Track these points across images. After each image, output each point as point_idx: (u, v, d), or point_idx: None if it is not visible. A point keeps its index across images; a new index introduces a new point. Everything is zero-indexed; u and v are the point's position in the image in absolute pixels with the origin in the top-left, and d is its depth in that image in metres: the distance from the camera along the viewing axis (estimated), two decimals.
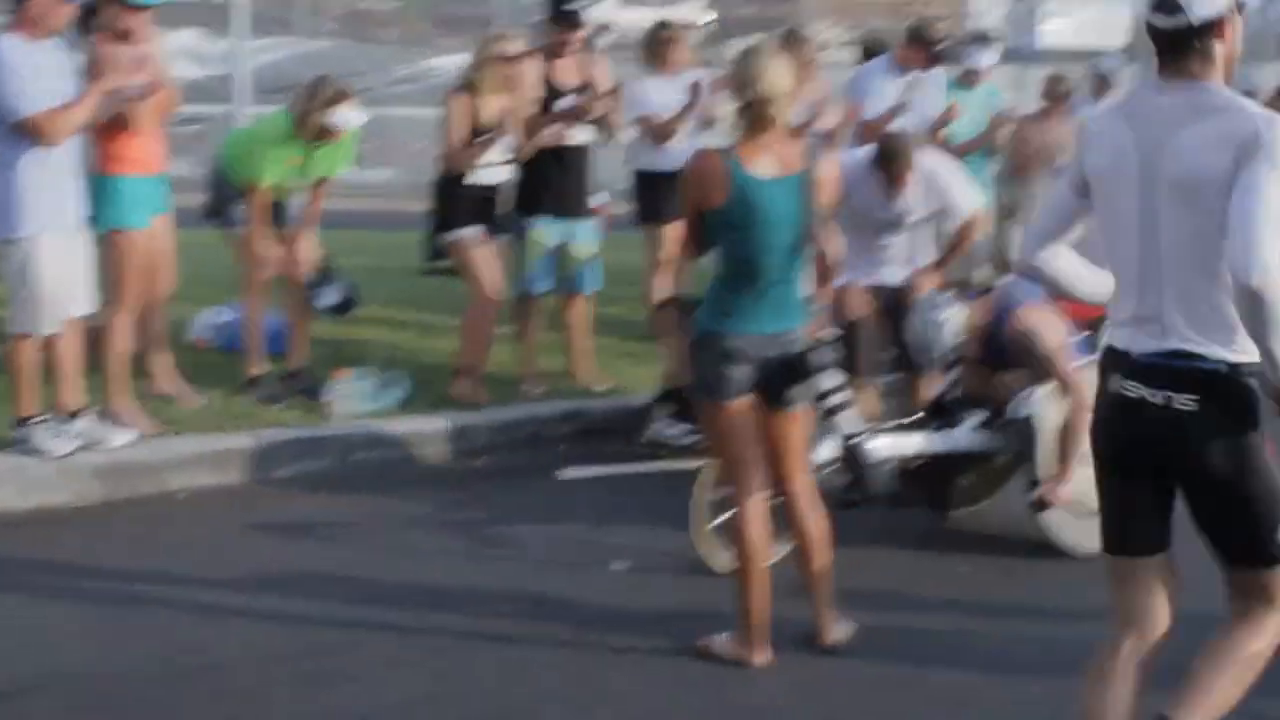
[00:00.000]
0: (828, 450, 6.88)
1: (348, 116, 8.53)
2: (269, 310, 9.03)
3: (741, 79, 5.62)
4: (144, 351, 8.57)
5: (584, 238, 9.55)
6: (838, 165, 5.90)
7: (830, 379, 6.12)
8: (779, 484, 5.91)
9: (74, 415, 7.76)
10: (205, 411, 8.54)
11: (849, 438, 6.72)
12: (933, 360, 7.58)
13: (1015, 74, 20.66)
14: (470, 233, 9.07)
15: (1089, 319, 9.78)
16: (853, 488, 7.12)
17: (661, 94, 9.97)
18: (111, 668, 5.61)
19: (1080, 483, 6.95)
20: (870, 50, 11.62)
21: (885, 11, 44.92)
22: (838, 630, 6.00)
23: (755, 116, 5.60)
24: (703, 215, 5.66)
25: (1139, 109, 4.19)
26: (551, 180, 9.32)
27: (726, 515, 6.33)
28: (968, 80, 11.46)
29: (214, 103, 28.41)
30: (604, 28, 39.91)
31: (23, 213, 7.36)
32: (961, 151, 10.81)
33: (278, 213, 8.83)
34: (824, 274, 6.05)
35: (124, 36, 8.03)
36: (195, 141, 29.86)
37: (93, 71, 7.81)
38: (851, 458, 6.83)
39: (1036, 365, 7.28)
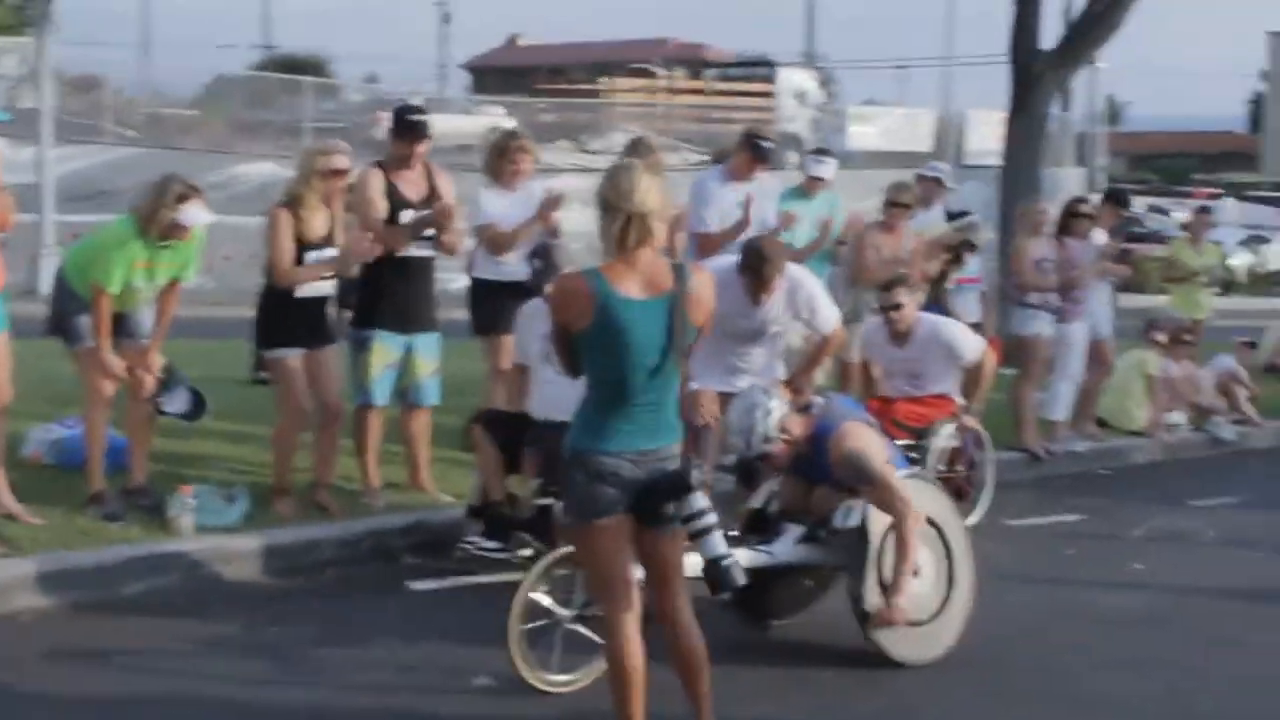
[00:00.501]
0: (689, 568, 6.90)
1: (195, 214, 8.46)
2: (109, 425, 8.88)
3: (612, 195, 5.52)
4: None
5: (425, 351, 9.54)
6: (709, 278, 5.85)
7: (700, 500, 5.95)
8: (656, 605, 5.83)
9: None
10: (47, 529, 8.34)
11: (717, 560, 6.36)
12: (749, 445, 7.51)
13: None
14: (290, 353, 9.03)
15: (917, 427, 10.05)
16: None
17: (503, 204, 9.97)
18: None
19: (911, 597, 7.34)
20: (719, 160, 11.90)
21: (689, 118, 45.84)
22: None
23: (627, 234, 5.50)
24: (570, 336, 5.60)
25: None
26: (394, 292, 9.30)
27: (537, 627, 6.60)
28: (807, 189, 11.68)
29: (20, 212, 28.00)
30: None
31: None
32: (798, 257, 11.02)
33: (123, 324, 8.71)
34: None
35: None
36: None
37: None
38: (720, 581, 6.36)
39: (864, 484, 7.34)
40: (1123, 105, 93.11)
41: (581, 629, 6.81)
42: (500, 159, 10.04)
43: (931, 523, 7.60)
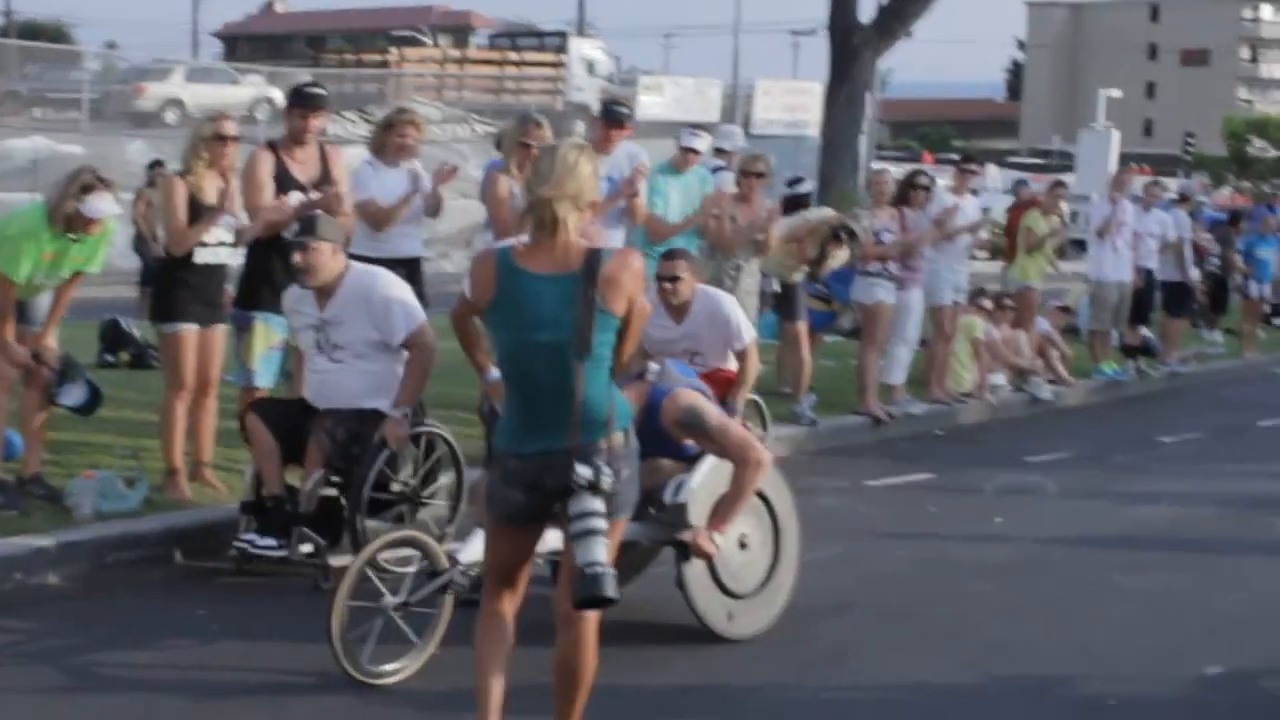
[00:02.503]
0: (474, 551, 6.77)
1: (100, 206, 8.45)
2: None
3: (532, 179, 5.47)
4: None
5: None
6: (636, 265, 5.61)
7: (592, 502, 5.54)
8: (558, 606, 5.66)
9: None
10: None
11: (589, 564, 5.69)
12: None
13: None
14: (185, 328, 9.12)
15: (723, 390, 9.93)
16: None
17: (386, 180, 10.16)
18: None
19: (740, 566, 7.58)
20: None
21: (481, 88, 46.11)
22: None
23: (539, 217, 5.41)
24: (473, 308, 5.64)
25: None
26: (276, 275, 9.22)
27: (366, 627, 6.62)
28: (679, 164, 12.14)
29: None
30: (174, 102, 39.27)
31: None
32: (671, 232, 11.57)
33: (23, 311, 8.77)
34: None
35: None
36: None
37: None
38: (590, 589, 5.73)
39: (702, 438, 7.43)
40: (885, 73, 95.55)
41: (401, 621, 6.81)
42: (388, 132, 10.26)
43: (761, 497, 7.75)
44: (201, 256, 9.12)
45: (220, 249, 9.22)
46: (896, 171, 16.43)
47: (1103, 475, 12.58)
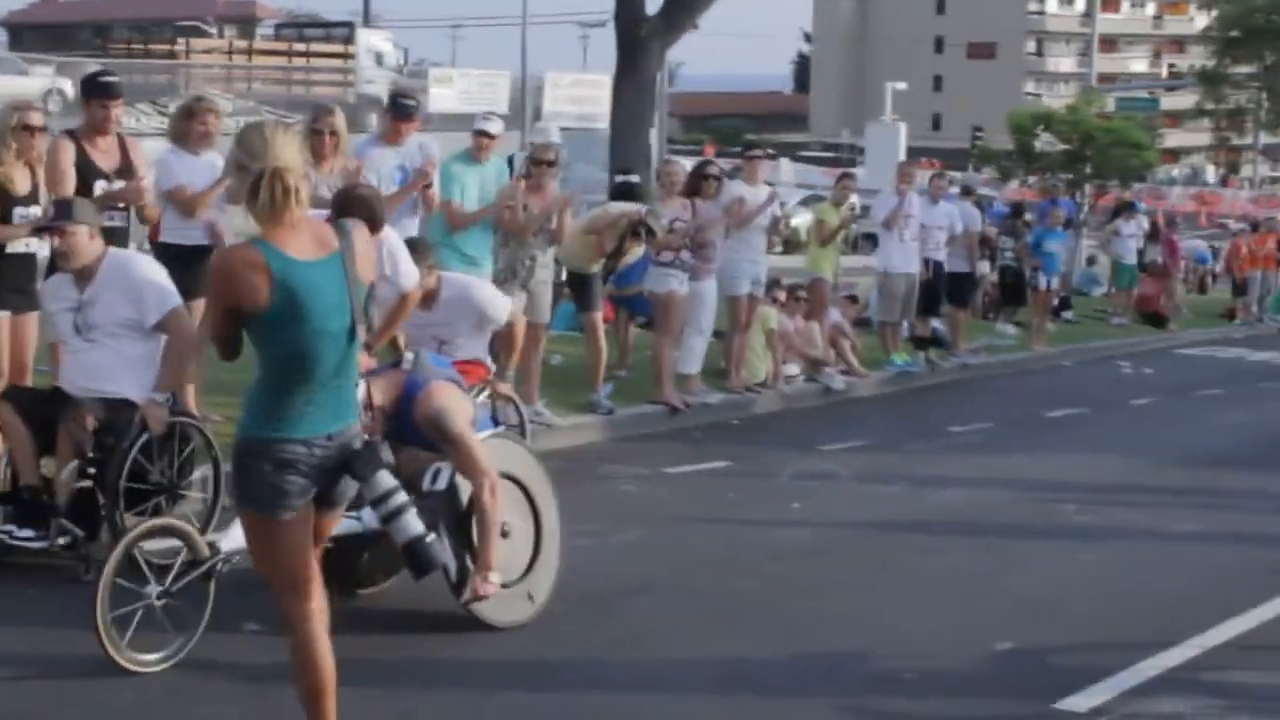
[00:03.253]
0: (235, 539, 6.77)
1: None
2: None
3: (245, 156, 5.26)
4: None
5: None
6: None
7: (388, 479, 5.68)
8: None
9: None
10: None
11: (418, 539, 5.93)
12: None
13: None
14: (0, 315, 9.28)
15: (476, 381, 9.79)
16: None
17: (189, 166, 10.34)
18: None
19: (504, 554, 7.65)
20: None
21: (270, 79, 45.76)
22: None
23: (273, 193, 5.21)
24: (238, 315, 5.27)
25: None
26: None
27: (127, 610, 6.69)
28: (476, 153, 12.28)
29: None
30: None
31: None
32: (468, 221, 11.71)
33: None
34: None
35: None
36: None
37: None
38: (423, 560, 6.02)
39: (447, 445, 7.52)
40: (675, 66, 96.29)
41: (163, 611, 6.87)
42: (188, 120, 10.40)
43: (516, 481, 7.90)
44: (14, 246, 9.29)
45: (31, 239, 9.35)
46: (687, 164, 16.68)
47: (896, 462, 13.00)
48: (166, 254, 10.42)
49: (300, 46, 49.73)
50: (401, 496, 5.69)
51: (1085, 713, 7.00)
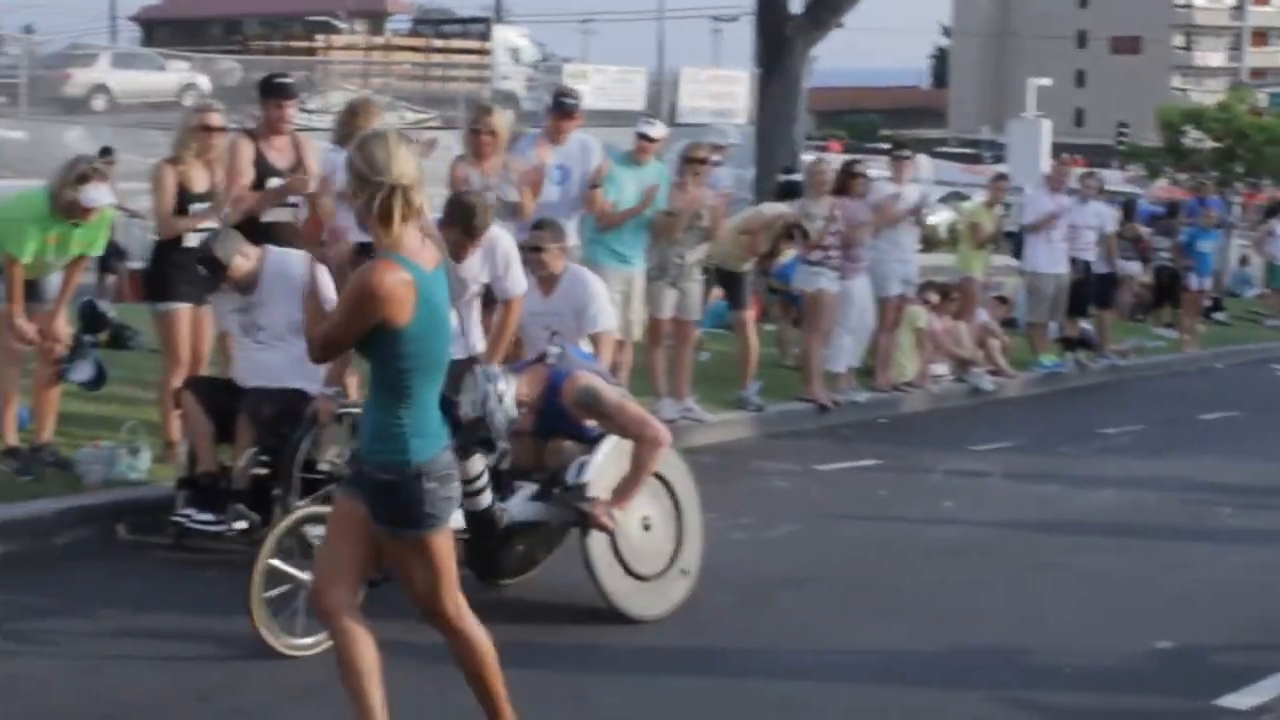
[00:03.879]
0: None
1: (95, 195, 9.12)
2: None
3: (367, 169, 5.29)
4: None
5: None
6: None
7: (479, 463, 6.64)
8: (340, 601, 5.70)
9: None
10: None
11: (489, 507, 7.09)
12: (499, 433, 7.58)
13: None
14: (179, 307, 9.74)
15: None
16: None
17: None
18: None
19: (644, 548, 7.97)
20: None
21: (407, 75, 46.38)
22: None
23: (391, 207, 5.28)
24: (385, 334, 5.30)
25: None
26: None
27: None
28: (637, 155, 12.49)
29: None
30: (101, 88, 39.55)
31: None
32: (616, 221, 12.02)
33: (33, 290, 9.41)
34: None
35: None
36: None
37: None
38: (494, 524, 7.27)
39: (602, 417, 7.82)
40: (810, 60, 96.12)
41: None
42: (354, 119, 10.63)
43: (662, 480, 8.09)
44: (191, 240, 9.68)
45: (207, 233, 9.70)
46: (835, 162, 16.93)
47: (1047, 463, 13.17)
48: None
49: (437, 42, 50.39)
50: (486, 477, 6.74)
51: (1247, 710, 7.15)
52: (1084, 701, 7.28)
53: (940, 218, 42.25)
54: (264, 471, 8.55)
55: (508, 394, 7.47)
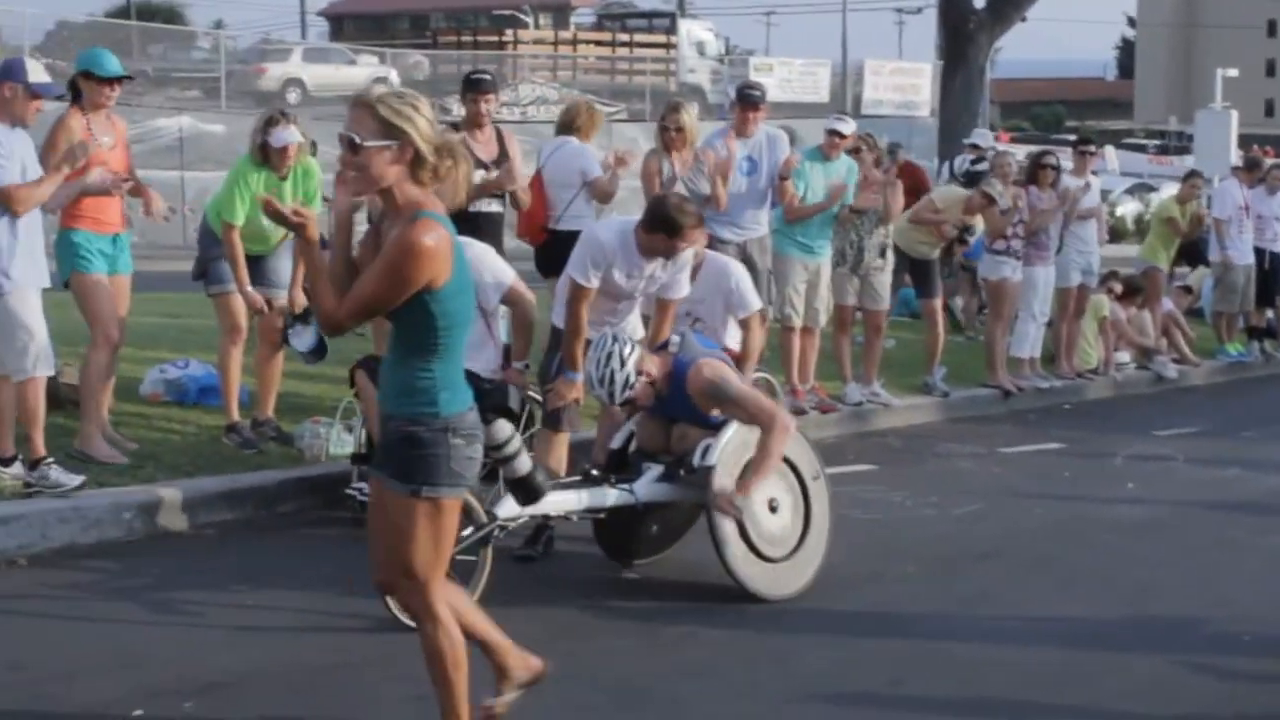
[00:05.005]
0: (510, 508, 7.58)
1: (283, 135, 9.70)
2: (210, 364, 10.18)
3: (409, 127, 5.17)
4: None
5: None
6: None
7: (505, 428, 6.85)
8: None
9: (38, 461, 8.71)
10: (189, 456, 9.65)
11: (530, 474, 7.32)
12: (613, 396, 7.98)
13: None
14: None
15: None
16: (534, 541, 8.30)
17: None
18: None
19: (771, 530, 8.09)
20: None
21: (591, 68, 47.16)
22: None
23: (423, 165, 5.22)
24: (425, 294, 5.16)
25: None
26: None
27: None
28: (827, 150, 12.84)
29: None
30: (294, 81, 40.67)
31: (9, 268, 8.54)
32: (803, 214, 12.44)
33: (258, 271, 9.96)
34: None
35: (97, 107, 9.20)
36: None
37: (57, 141, 8.96)
38: (533, 489, 7.43)
39: (728, 407, 7.92)
40: (994, 52, 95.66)
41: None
42: (578, 116, 11.52)
43: (790, 464, 8.22)
44: None
45: None
46: (1019, 153, 17.22)
47: (1230, 448, 13.37)
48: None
49: (623, 36, 51.12)
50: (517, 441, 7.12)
51: None
52: (1264, 666, 7.51)
53: (1127, 209, 42.17)
54: None
55: (631, 359, 7.82)
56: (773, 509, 8.09)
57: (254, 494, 9.27)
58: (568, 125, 11.62)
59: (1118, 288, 16.61)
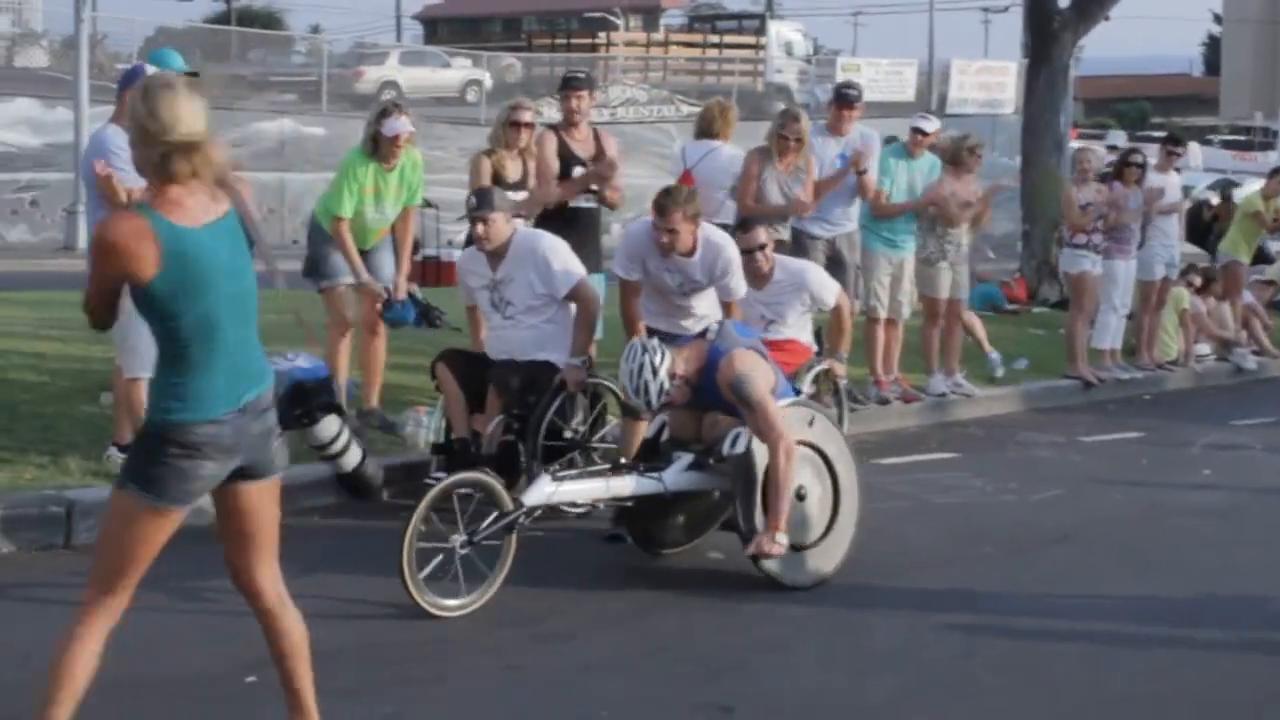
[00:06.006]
0: (537, 495, 7.65)
1: (395, 125, 9.99)
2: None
3: (153, 126, 4.86)
4: None
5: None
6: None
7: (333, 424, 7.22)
8: (239, 576, 5.30)
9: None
10: (292, 442, 9.82)
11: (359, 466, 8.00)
12: (650, 405, 8.02)
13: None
14: None
15: (795, 365, 10.10)
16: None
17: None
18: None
19: (800, 518, 8.05)
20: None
21: (680, 69, 47.44)
22: None
23: (173, 163, 4.88)
24: (119, 287, 4.94)
25: None
26: (564, 239, 9.94)
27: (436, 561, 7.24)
28: (911, 148, 13.06)
29: (50, 170, 29.36)
30: (390, 84, 41.13)
31: None
32: (888, 212, 12.63)
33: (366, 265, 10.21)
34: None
35: None
36: (31, 209, 30.74)
37: None
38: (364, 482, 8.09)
39: (746, 409, 7.84)
40: (1078, 49, 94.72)
41: (473, 555, 7.38)
42: (714, 118, 11.91)
43: (818, 450, 8.18)
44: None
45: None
46: (1101, 149, 17.31)
47: None
48: None
49: (713, 38, 51.40)
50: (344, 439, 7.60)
51: None
52: None
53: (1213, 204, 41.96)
54: (511, 438, 9.01)
55: (663, 367, 7.86)
56: (800, 497, 8.06)
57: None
58: (707, 129, 11.90)
59: (1197, 280, 16.70)
